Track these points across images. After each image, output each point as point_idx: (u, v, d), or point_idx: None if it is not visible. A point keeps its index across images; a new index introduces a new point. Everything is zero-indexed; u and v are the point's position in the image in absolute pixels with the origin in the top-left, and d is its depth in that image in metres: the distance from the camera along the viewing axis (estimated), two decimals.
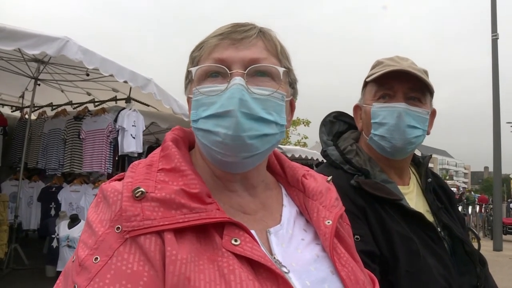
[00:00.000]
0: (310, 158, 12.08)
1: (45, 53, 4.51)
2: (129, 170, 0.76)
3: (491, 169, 12.72)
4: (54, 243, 5.34)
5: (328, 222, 0.83)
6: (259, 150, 0.78)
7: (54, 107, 6.97)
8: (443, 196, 1.50)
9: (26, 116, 6.77)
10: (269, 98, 0.78)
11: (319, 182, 0.92)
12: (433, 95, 1.40)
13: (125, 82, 5.28)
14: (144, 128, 6.10)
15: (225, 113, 0.74)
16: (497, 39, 11.39)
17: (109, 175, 5.83)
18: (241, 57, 0.78)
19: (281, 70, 0.81)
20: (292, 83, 0.88)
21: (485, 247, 9.04)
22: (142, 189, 0.69)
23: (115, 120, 5.71)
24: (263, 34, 0.83)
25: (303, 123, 22.16)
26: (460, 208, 13.34)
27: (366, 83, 1.42)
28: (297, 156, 11.32)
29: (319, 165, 1.61)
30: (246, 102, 0.74)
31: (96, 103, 6.56)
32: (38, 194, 6.47)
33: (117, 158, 6.17)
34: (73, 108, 6.82)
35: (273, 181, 0.95)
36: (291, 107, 0.90)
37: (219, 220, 0.70)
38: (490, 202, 17.46)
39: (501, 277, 6.44)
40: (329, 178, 0.97)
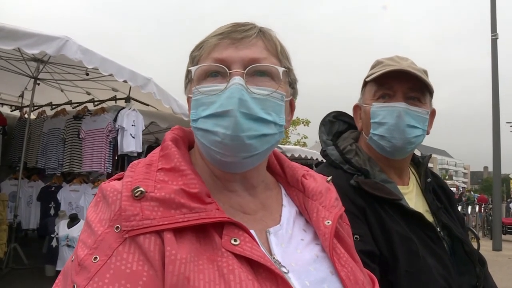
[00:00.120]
0: (310, 158, 12.08)
1: (45, 53, 4.50)
2: (129, 170, 0.76)
3: (491, 169, 12.73)
4: (54, 243, 5.34)
5: (328, 222, 0.83)
6: (258, 150, 0.78)
7: (54, 107, 6.97)
8: (443, 196, 1.50)
9: (26, 116, 6.76)
10: (269, 98, 0.78)
11: (319, 182, 0.92)
12: (433, 95, 1.40)
13: (125, 82, 5.28)
14: (144, 128, 6.10)
15: (224, 113, 0.74)
16: (497, 39, 11.40)
17: (109, 175, 5.82)
18: (241, 57, 0.78)
19: (281, 70, 0.80)
20: (292, 83, 0.88)
21: (485, 247, 9.04)
22: (142, 189, 0.69)
23: (115, 120, 5.70)
24: (263, 34, 0.83)
25: (303, 123, 22.17)
26: (460, 208, 13.34)
27: (366, 83, 1.42)
28: (297, 156, 11.32)
29: (319, 165, 1.61)
30: (246, 102, 0.74)
31: (96, 103, 6.55)
32: (38, 194, 6.47)
33: (117, 158, 6.16)
34: (73, 108, 6.81)
35: (273, 181, 0.94)
36: (291, 107, 0.90)
37: (219, 220, 0.70)
38: (490, 202, 17.48)
39: (501, 277, 6.44)
40: (329, 178, 0.97)
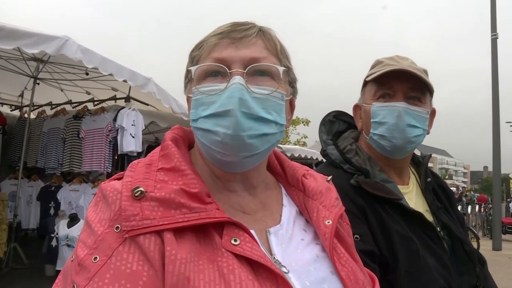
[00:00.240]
0: (310, 158, 12.08)
1: (45, 52, 4.50)
2: (129, 170, 0.76)
3: (491, 169, 12.72)
4: (54, 242, 5.34)
5: (328, 222, 0.83)
6: (259, 150, 0.78)
7: (54, 106, 6.96)
8: (443, 196, 1.50)
9: (26, 115, 6.76)
10: (269, 98, 0.78)
11: (319, 182, 0.92)
12: (433, 95, 1.40)
13: (125, 81, 5.28)
14: (144, 127, 6.09)
15: (225, 113, 0.74)
16: (497, 39, 11.40)
17: (109, 174, 5.82)
18: (241, 56, 0.78)
19: (281, 69, 0.80)
20: (292, 82, 0.88)
21: (484, 247, 9.04)
22: (142, 189, 0.69)
23: (115, 119, 5.70)
24: (263, 33, 0.83)
25: (303, 123, 22.18)
26: (459, 208, 13.35)
27: (366, 83, 1.42)
28: (297, 156, 11.32)
29: (319, 165, 1.61)
30: (246, 102, 0.74)
31: (96, 102, 6.55)
32: (38, 193, 6.46)
33: (117, 157, 6.16)
34: (73, 107, 6.81)
35: (273, 181, 0.94)
36: (291, 106, 0.90)
37: (219, 220, 0.70)
38: (490, 202, 17.48)
39: (500, 277, 6.44)
40: (329, 178, 0.97)
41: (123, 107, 5.88)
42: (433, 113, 1.42)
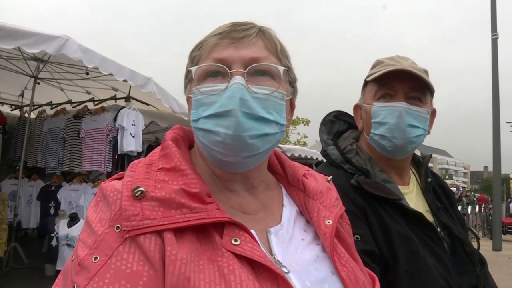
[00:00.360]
0: (310, 158, 12.09)
1: (45, 52, 4.50)
2: (129, 169, 0.76)
3: (491, 169, 12.72)
4: (54, 242, 5.34)
5: (329, 222, 0.83)
6: (260, 150, 0.78)
7: (54, 106, 6.96)
8: (443, 196, 1.50)
9: (26, 115, 6.75)
10: (269, 98, 0.78)
11: (320, 182, 0.92)
12: (434, 95, 1.39)
13: (125, 81, 5.28)
14: (144, 127, 6.09)
15: (226, 113, 0.74)
16: (497, 39, 11.39)
17: (109, 174, 5.82)
18: (241, 56, 0.78)
19: (281, 69, 0.80)
20: (292, 82, 0.88)
21: (485, 247, 9.04)
22: (142, 189, 0.68)
23: (115, 119, 5.70)
24: (263, 33, 0.83)
25: (303, 122, 22.18)
26: (460, 208, 13.34)
27: (367, 83, 1.42)
28: (297, 156, 11.32)
29: (319, 165, 1.61)
30: (247, 102, 0.74)
31: (96, 102, 6.55)
32: (38, 193, 6.46)
33: (117, 157, 6.16)
34: (73, 107, 6.81)
35: (274, 181, 0.94)
36: (291, 106, 0.90)
37: (219, 220, 0.70)
38: (490, 202, 17.48)
39: (501, 277, 6.44)
40: (330, 178, 0.97)
41: (123, 107, 5.88)
42: (434, 113, 1.42)
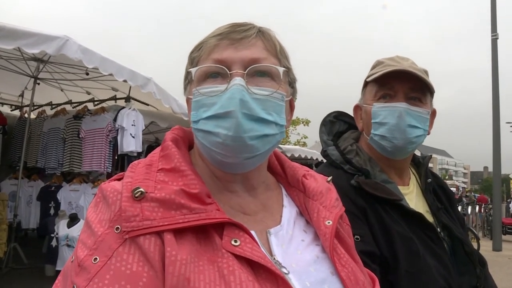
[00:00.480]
0: (310, 158, 12.08)
1: (45, 52, 4.49)
2: (129, 170, 0.76)
3: (491, 169, 12.72)
4: (54, 242, 5.34)
5: (328, 223, 0.83)
6: (260, 151, 0.78)
7: (54, 106, 6.96)
8: (443, 197, 1.50)
9: (26, 115, 6.75)
10: (269, 99, 0.78)
11: (319, 182, 0.92)
12: (434, 95, 1.39)
13: (125, 81, 5.28)
14: (144, 127, 6.09)
15: (226, 114, 0.74)
16: (497, 39, 11.39)
17: (109, 174, 5.82)
18: (241, 57, 0.78)
19: (281, 70, 0.80)
20: (292, 83, 0.88)
21: (485, 247, 9.04)
22: (142, 189, 0.68)
23: (115, 119, 5.69)
24: (262, 34, 0.83)
25: (303, 123, 22.18)
26: (460, 208, 13.34)
27: (367, 83, 1.42)
28: (297, 156, 11.32)
29: (319, 165, 1.61)
30: (247, 103, 0.74)
31: (96, 102, 6.54)
32: (38, 193, 6.46)
33: (117, 157, 6.16)
34: (73, 107, 6.80)
35: (274, 182, 0.94)
36: (291, 107, 0.90)
37: (219, 221, 0.70)
38: (490, 202, 17.47)
39: (501, 277, 6.44)
40: (329, 179, 0.97)
41: (123, 107, 5.88)
42: (434, 114, 1.42)
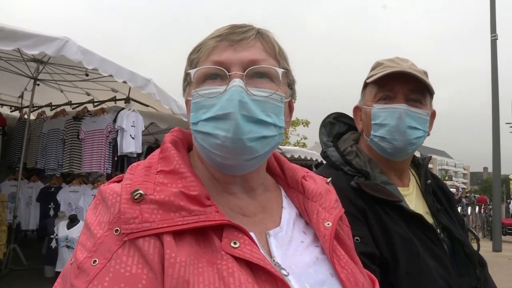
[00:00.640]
0: (309, 159, 12.08)
1: (44, 53, 4.49)
2: (128, 172, 0.76)
3: (491, 170, 12.72)
4: (53, 244, 5.33)
5: (328, 224, 0.83)
6: (259, 153, 0.77)
7: (53, 107, 6.96)
8: (443, 198, 1.50)
9: (25, 116, 6.76)
10: (268, 100, 0.78)
11: (319, 184, 0.92)
12: (433, 96, 1.40)
13: (124, 82, 5.27)
14: (143, 129, 6.08)
15: (225, 116, 0.74)
16: (496, 40, 11.40)
17: (108, 176, 5.82)
18: (240, 59, 0.78)
19: (280, 71, 0.80)
20: (291, 84, 0.88)
21: (485, 248, 9.04)
22: (141, 191, 0.68)
23: (114, 121, 5.69)
24: (261, 35, 0.83)
25: (302, 124, 22.16)
26: (459, 209, 13.34)
27: (366, 85, 1.42)
28: (296, 157, 11.31)
29: (318, 166, 1.61)
30: (246, 104, 0.74)
31: (95, 103, 6.55)
32: (37, 194, 6.45)
33: (116, 159, 6.16)
34: (72, 108, 6.80)
35: (273, 183, 0.94)
36: (290, 108, 0.90)
37: (218, 223, 0.70)
38: (489, 203, 17.47)
39: (501, 278, 6.44)
40: (329, 180, 0.97)
41: (123, 108, 5.88)
42: (433, 115, 1.42)
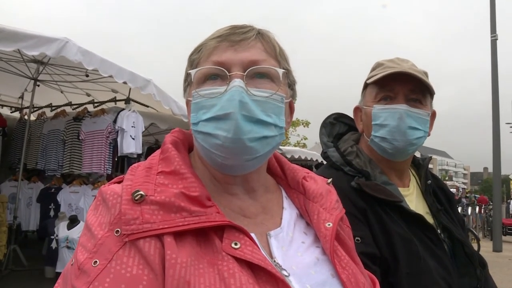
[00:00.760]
0: (310, 159, 12.08)
1: (45, 54, 4.49)
2: (129, 173, 0.76)
3: (491, 170, 12.72)
4: (53, 244, 5.33)
5: (329, 225, 0.83)
6: (260, 153, 0.77)
7: (54, 108, 6.96)
8: (443, 198, 1.50)
9: (26, 117, 6.77)
10: (269, 100, 0.78)
11: (320, 184, 0.92)
12: (433, 97, 1.40)
13: (125, 83, 5.27)
14: (144, 129, 6.09)
15: (225, 116, 0.74)
16: (496, 40, 11.40)
17: (109, 176, 5.82)
18: (240, 59, 0.78)
19: (281, 72, 0.80)
20: (291, 85, 0.88)
21: (485, 248, 9.04)
22: (142, 192, 0.68)
23: (115, 121, 5.70)
24: (262, 36, 0.83)
25: (303, 124, 22.16)
26: (460, 209, 13.33)
27: (367, 85, 1.42)
28: (297, 157, 11.31)
29: (319, 166, 1.61)
30: (246, 104, 0.74)
31: (96, 104, 6.55)
32: (37, 195, 6.45)
33: (117, 159, 6.16)
34: (73, 109, 6.81)
35: (273, 184, 0.94)
36: (290, 109, 0.90)
37: (219, 224, 0.70)
38: (490, 203, 17.46)
39: (501, 278, 6.44)
40: (329, 181, 0.97)
41: (123, 109, 5.88)
42: (434, 115, 1.42)
